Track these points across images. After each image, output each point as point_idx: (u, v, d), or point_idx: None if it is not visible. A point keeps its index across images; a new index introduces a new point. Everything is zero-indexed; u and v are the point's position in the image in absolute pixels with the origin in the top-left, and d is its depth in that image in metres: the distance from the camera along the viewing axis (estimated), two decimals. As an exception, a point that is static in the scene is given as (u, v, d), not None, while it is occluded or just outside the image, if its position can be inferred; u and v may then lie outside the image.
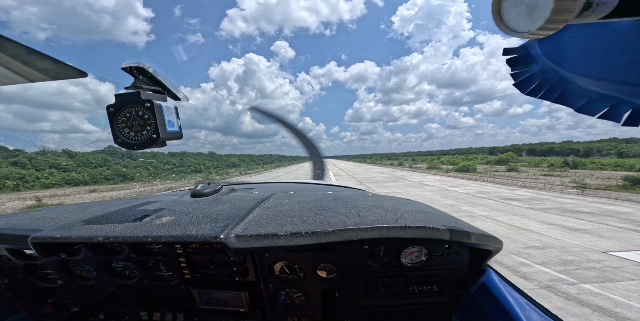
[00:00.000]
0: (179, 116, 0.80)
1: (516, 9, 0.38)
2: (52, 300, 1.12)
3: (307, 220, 0.81)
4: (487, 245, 0.83)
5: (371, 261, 0.92)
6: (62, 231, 0.81)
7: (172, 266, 0.98)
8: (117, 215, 0.93)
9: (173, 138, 0.77)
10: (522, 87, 0.63)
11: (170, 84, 0.81)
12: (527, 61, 0.62)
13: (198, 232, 0.74)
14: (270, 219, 0.84)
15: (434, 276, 0.94)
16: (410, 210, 0.90)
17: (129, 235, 0.76)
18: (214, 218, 0.84)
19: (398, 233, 0.73)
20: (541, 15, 0.34)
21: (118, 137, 0.71)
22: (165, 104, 0.75)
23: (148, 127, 0.70)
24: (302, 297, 1.00)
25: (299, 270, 0.95)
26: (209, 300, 0.98)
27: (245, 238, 0.74)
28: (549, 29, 0.35)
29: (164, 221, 0.83)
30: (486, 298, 0.80)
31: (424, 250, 0.91)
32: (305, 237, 0.72)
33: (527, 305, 0.74)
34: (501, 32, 0.43)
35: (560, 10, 0.32)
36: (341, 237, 0.72)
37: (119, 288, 1.03)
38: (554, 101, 0.57)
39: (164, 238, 0.73)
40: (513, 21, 0.40)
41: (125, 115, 0.70)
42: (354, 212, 0.87)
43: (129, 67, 0.71)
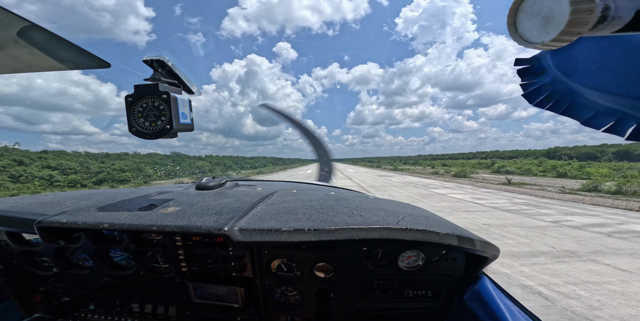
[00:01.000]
0: (192, 109, 0.83)
1: (532, 21, 0.40)
2: (43, 288, 1.12)
3: (310, 218, 0.82)
4: (485, 251, 0.83)
5: (368, 263, 0.93)
6: (68, 216, 0.83)
7: (169, 259, 0.99)
8: (123, 204, 0.95)
9: (185, 130, 0.79)
10: (530, 98, 0.63)
11: (186, 78, 0.84)
12: (538, 72, 0.63)
13: (202, 223, 0.76)
14: (273, 215, 0.86)
15: (429, 281, 0.94)
16: (411, 214, 0.91)
17: (135, 223, 0.77)
18: (218, 211, 0.86)
19: (399, 235, 0.74)
20: (556, 27, 0.36)
21: (133, 126, 0.73)
22: (180, 97, 0.78)
23: (163, 117, 0.73)
24: (297, 296, 1.00)
25: (296, 268, 0.96)
26: (203, 294, 0.99)
27: (249, 232, 0.75)
28: (562, 41, 0.37)
29: (169, 211, 0.85)
30: (479, 305, 0.80)
31: (421, 255, 0.92)
32: (308, 234, 0.73)
33: (519, 312, 0.75)
34: (515, 42, 0.45)
35: (576, 22, 0.34)
36: (343, 236, 0.73)
37: (113, 278, 1.04)
38: (561, 113, 0.58)
39: (169, 228, 0.75)
40: (528, 32, 0.41)
41: (141, 106, 0.73)
42: (356, 212, 0.88)
43: (150, 60, 0.74)
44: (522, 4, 0.41)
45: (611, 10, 0.34)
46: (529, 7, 0.40)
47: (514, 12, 0.43)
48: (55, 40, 0.63)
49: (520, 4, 0.41)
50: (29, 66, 0.74)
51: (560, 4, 0.35)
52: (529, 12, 0.40)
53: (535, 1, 0.39)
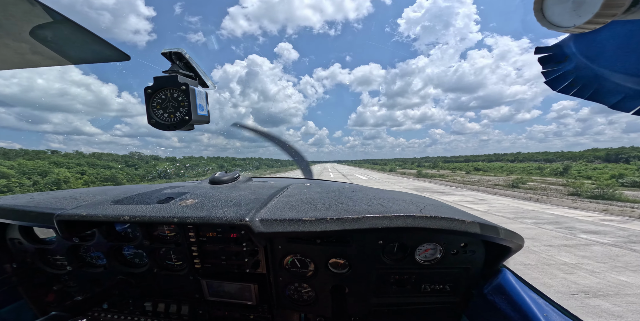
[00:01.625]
0: (208, 101, 0.83)
1: (561, 6, 0.39)
2: (57, 287, 1.12)
3: (331, 208, 0.81)
4: (510, 241, 0.81)
5: (385, 257, 0.91)
6: (88, 209, 0.82)
7: (183, 255, 0.98)
8: (141, 197, 0.95)
9: (202, 122, 0.79)
10: (554, 85, 0.63)
11: (202, 71, 0.84)
12: (561, 59, 0.63)
13: (223, 215, 0.75)
14: (292, 206, 0.85)
15: (447, 275, 0.93)
16: (431, 204, 0.90)
17: (155, 215, 0.77)
18: (236, 203, 0.85)
19: (423, 223, 0.72)
20: (590, 10, 0.35)
21: (152, 118, 0.73)
22: (198, 89, 0.78)
23: (181, 108, 0.73)
24: (311, 292, 0.99)
25: (310, 263, 0.95)
26: (216, 291, 0.98)
27: (270, 223, 0.74)
28: (596, 23, 0.36)
29: (188, 203, 0.85)
30: (502, 299, 0.79)
31: (439, 248, 0.90)
32: (330, 223, 0.72)
33: (546, 305, 0.73)
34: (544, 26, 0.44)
35: (611, 4, 0.33)
36: (366, 224, 0.72)
37: (127, 276, 1.03)
38: (588, 98, 0.57)
39: (190, 219, 0.74)
40: (557, 17, 0.41)
41: (160, 97, 0.73)
42: (376, 202, 0.87)
43: (169, 52, 0.74)
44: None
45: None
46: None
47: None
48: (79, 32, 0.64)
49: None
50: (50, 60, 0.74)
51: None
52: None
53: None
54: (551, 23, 0.42)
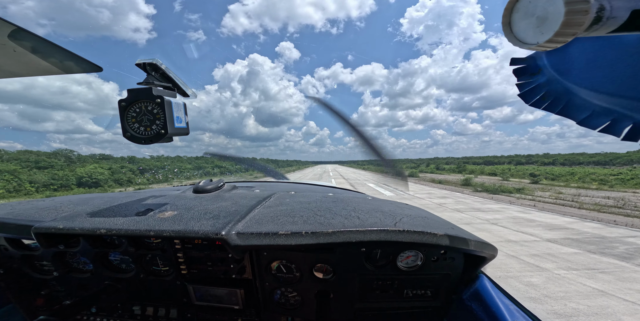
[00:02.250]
0: (187, 113, 0.82)
1: (526, 21, 0.39)
2: (45, 291, 1.12)
3: (308, 220, 0.82)
4: (482, 251, 0.84)
5: (367, 263, 0.93)
6: (65, 222, 0.83)
7: (169, 261, 0.99)
8: (120, 208, 0.94)
9: (180, 134, 0.78)
10: (527, 98, 0.63)
11: (180, 81, 0.83)
12: (534, 72, 0.63)
13: (200, 228, 0.76)
14: (271, 218, 0.86)
15: (428, 280, 0.95)
16: (409, 215, 0.91)
17: (132, 228, 0.77)
18: (215, 215, 0.86)
19: (396, 237, 0.74)
20: (551, 28, 0.35)
21: (127, 131, 0.72)
22: (175, 100, 0.77)
23: (157, 121, 0.72)
24: (297, 297, 1.00)
25: (295, 269, 0.96)
26: (203, 296, 0.99)
27: (246, 236, 0.75)
28: (557, 42, 0.36)
29: (167, 215, 0.85)
30: (478, 304, 0.81)
31: (420, 255, 0.92)
32: (305, 237, 0.73)
33: (517, 311, 0.75)
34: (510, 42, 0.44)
35: (570, 23, 0.33)
36: (340, 238, 0.73)
37: (114, 281, 1.04)
38: (558, 113, 0.58)
39: (166, 233, 0.75)
40: (522, 33, 0.40)
41: (135, 110, 0.72)
42: (354, 214, 0.88)
43: (143, 63, 0.73)
44: (517, 3, 0.40)
45: (606, 11, 0.34)
46: (523, 7, 0.39)
47: (508, 12, 0.42)
48: (45, 45, 0.62)
49: (515, 4, 0.40)
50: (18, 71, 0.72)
51: (554, 4, 0.34)
52: (524, 12, 0.39)
53: (530, 1, 0.38)
54: (517, 38, 0.42)
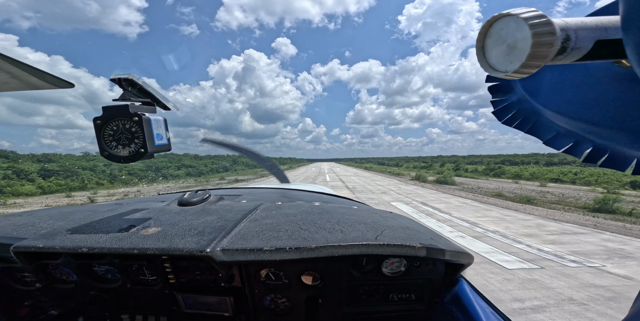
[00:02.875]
0: (167, 128, 0.80)
1: (498, 48, 0.39)
2: (28, 302, 1.09)
3: (292, 235, 0.83)
4: (459, 260, 0.89)
5: (354, 270, 0.96)
6: (45, 240, 0.80)
7: (156, 271, 0.98)
8: (102, 224, 0.92)
9: (161, 151, 0.77)
10: (500, 116, 0.66)
11: (160, 95, 0.81)
12: (507, 90, 0.66)
13: (184, 245, 0.75)
14: (256, 232, 0.86)
15: (412, 285, 0.99)
16: (391, 226, 0.94)
17: (114, 246, 0.76)
18: (200, 231, 0.85)
19: (377, 251, 0.77)
20: (518, 57, 0.35)
21: (105, 150, 0.70)
22: (154, 117, 0.75)
23: (136, 140, 0.70)
24: (286, 303, 1.02)
25: (284, 276, 0.98)
26: (193, 304, 0.99)
27: (231, 252, 0.76)
28: (523, 73, 0.37)
29: (150, 232, 0.84)
30: (458, 308, 0.86)
31: (403, 261, 0.96)
32: (289, 253, 0.75)
33: (492, 314, 0.80)
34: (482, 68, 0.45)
35: (536, 56, 0.34)
36: (323, 253, 0.76)
37: (100, 291, 1.02)
38: (527, 132, 0.61)
39: (150, 251, 0.74)
40: (494, 59, 0.40)
41: (112, 129, 0.70)
42: (337, 227, 0.90)
43: (118, 79, 0.70)
44: (490, 28, 0.40)
45: (571, 41, 0.35)
46: (496, 33, 0.39)
47: (482, 37, 0.41)
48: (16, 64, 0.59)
49: (489, 29, 0.40)
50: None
51: (523, 33, 0.34)
52: (496, 38, 0.39)
53: (502, 27, 0.38)
54: (489, 65, 0.43)
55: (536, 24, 0.33)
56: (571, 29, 0.35)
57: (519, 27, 0.35)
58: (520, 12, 0.35)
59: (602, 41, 0.36)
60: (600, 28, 0.35)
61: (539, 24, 0.33)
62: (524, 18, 0.34)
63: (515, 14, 0.35)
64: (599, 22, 0.36)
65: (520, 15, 0.34)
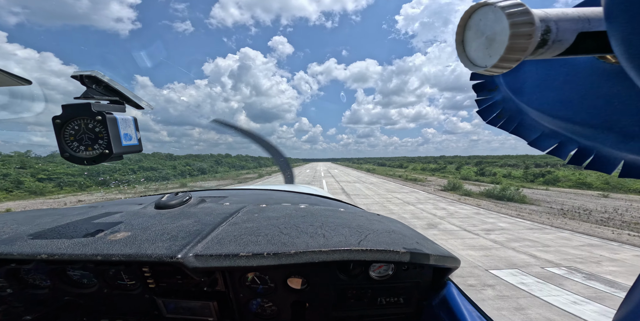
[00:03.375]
0: (138, 128, 0.76)
1: (478, 41, 0.37)
2: (1, 307, 1.04)
3: (272, 240, 0.80)
4: (445, 264, 0.87)
5: (341, 274, 0.93)
6: (3, 247, 0.76)
7: (134, 276, 0.94)
8: (68, 229, 0.88)
9: (130, 152, 0.73)
10: (484, 115, 0.63)
11: (130, 93, 0.76)
12: (492, 88, 0.63)
13: (154, 251, 0.71)
14: (234, 237, 0.83)
15: (400, 288, 0.97)
16: (376, 230, 0.91)
17: (76, 252, 0.71)
18: (173, 236, 0.81)
19: (359, 256, 0.74)
20: (497, 51, 0.33)
21: (65, 151, 0.66)
22: (122, 116, 0.71)
23: (100, 140, 0.66)
24: (272, 307, 0.99)
25: (270, 280, 0.94)
26: (175, 308, 0.95)
27: (205, 258, 0.72)
28: (502, 67, 0.35)
29: (119, 237, 0.79)
30: (445, 311, 0.85)
31: (391, 265, 0.94)
32: (267, 258, 0.72)
33: (479, 317, 0.79)
34: (462, 63, 0.42)
35: (514, 48, 0.32)
36: (303, 259, 0.72)
37: (75, 297, 0.98)
38: (511, 132, 0.58)
39: (115, 257, 0.70)
40: (474, 53, 0.38)
41: (73, 128, 0.65)
42: (320, 231, 0.87)
43: (80, 75, 0.66)
44: (469, 20, 0.37)
45: (552, 33, 0.32)
46: (475, 25, 0.37)
47: (462, 29, 0.39)
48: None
49: (468, 21, 0.38)
50: None
51: (501, 24, 0.32)
52: (475, 30, 0.37)
53: (480, 19, 0.36)
54: (469, 59, 0.40)
55: (514, 13, 0.30)
56: (552, 19, 0.32)
57: (496, 17, 0.32)
58: (497, 0, 0.32)
59: (585, 33, 0.33)
60: (583, 19, 0.33)
61: (517, 13, 0.30)
62: (501, 7, 0.31)
63: (493, 3, 0.32)
64: (581, 13, 0.33)
65: (497, 3, 0.32)
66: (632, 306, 0.34)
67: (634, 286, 0.35)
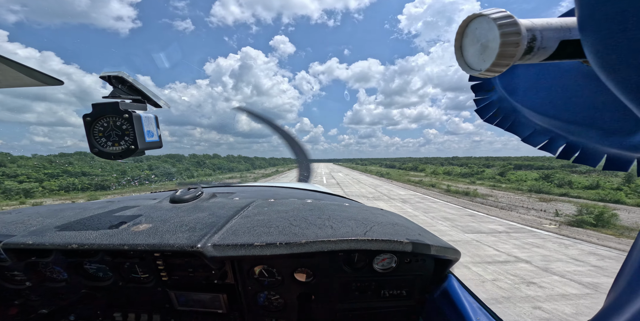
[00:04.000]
0: (159, 125, 0.81)
1: (473, 47, 0.41)
2: (18, 301, 1.09)
3: (283, 231, 0.84)
4: (446, 255, 0.90)
5: (346, 267, 0.97)
6: (34, 237, 0.80)
7: (148, 269, 0.98)
8: (92, 221, 0.92)
9: (152, 148, 0.78)
10: (482, 113, 0.68)
11: (150, 92, 0.82)
12: (489, 88, 0.68)
13: (175, 241, 0.76)
14: (247, 228, 0.87)
15: (403, 281, 1.00)
16: (380, 222, 0.95)
17: (105, 242, 0.76)
18: (191, 227, 0.86)
19: (365, 246, 0.79)
20: (490, 56, 0.38)
21: (95, 147, 0.71)
22: (145, 114, 0.76)
23: (126, 137, 0.71)
24: (280, 299, 1.03)
25: (277, 273, 0.98)
26: (186, 301, 1.00)
27: (222, 247, 0.76)
28: (494, 71, 0.39)
29: (141, 229, 0.84)
30: (447, 303, 0.87)
31: (394, 258, 0.97)
32: (280, 248, 0.76)
33: (479, 309, 0.82)
34: (460, 67, 0.47)
35: (504, 55, 0.36)
36: (313, 248, 0.77)
37: (91, 290, 1.02)
38: (507, 129, 0.63)
39: (141, 247, 0.74)
40: (470, 58, 0.43)
41: (102, 125, 0.71)
42: (328, 223, 0.91)
43: (108, 76, 0.71)
44: (467, 28, 0.42)
45: (537, 41, 0.37)
46: (471, 33, 0.41)
47: (460, 36, 0.43)
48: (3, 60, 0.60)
49: (465, 29, 0.42)
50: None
51: (493, 33, 0.36)
52: (471, 37, 0.41)
53: (476, 27, 0.40)
54: (466, 64, 0.45)
55: (504, 24, 0.35)
56: (537, 29, 0.37)
57: (489, 27, 0.37)
58: (490, 12, 0.37)
59: (566, 41, 0.38)
60: (565, 28, 0.37)
61: (506, 24, 0.35)
62: (493, 18, 0.36)
63: (487, 14, 0.37)
64: (563, 22, 0.38)
65: (490, 15, 0.36)
66: (619, 292, 0.37)
67: (619, 274, 0.39)
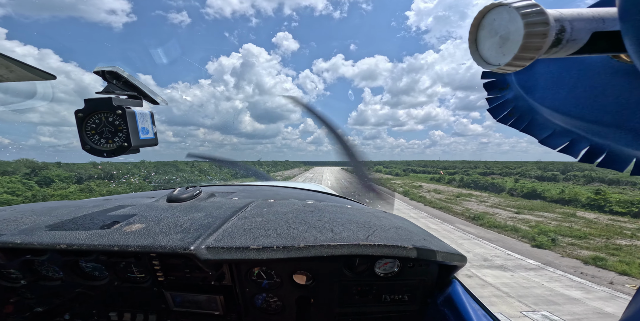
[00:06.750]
0: (154, 122, 0.78)
1: (491, 40, 0.38)
2: (14, 299, 1.08)
3: (281, 234, 0.81)
4: (451, 261, 0.87)
5: (346, 270, 0.94)
6: (23, 236, 0.79)
7: (144, 269, 0.97)
8: (85, 220, 0.90)
9: (147, 146, 0.75)
10: (495, 113, 0.64)
11: (147, 88, 0.79)
12: (503, 86, 0.64)
13: (168, 243, 0.73)
14: (244, 230, 0.84)
15: (405, 286, 0.97)
16: (383, 226, 0.92)
17: (94, 243, 0.74)
18: (186, 228, 0.83)
19: (367, 251, 0.75)
20: (511, 50, 0.34)
21: (87, 144, 0.68)
22: (140, 110, 0.73)
23: (120, 133, 0.68)
24: (278, 302, 1.01)
25: (275, 276, 0.96)
26: (183, 302, 0.98)
27: (217, 250, 0.74)
28: (515, 66, 0.35)
29: (134, 229, 0.82)
30: (450, 309, 0.84)
31: (397, 262, 0.94)
32: (277, 252, 0.73)
33: (484, 316, 0.79)
34: (475, 62, 0.43)
35: (528, 47, 0.32)
36: (312, 253, 0.74)
37: (87, 289, 1.01)
38: (522, 130, 0.59)
39: (131, 248, 0.72)
40: (487, 52, 0.39)
41: (94, 122, 0.68)
42: (328, 226, 0.88)
43: (102, 71, 0.68)
44: (483, 20, 0.38)
45: (567, 33, 0.33)
46: (488, 24, 0.38)
47: (475, 28, 0.40)
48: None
49: (481, 20, 0.39)
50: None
51: (516, 24, 0.33)
52: (489, 29, 0.38)
53: (494, 18, 0.36)
54: (482, 58, 0.41)
55: (528, 13, 0.31)
56: (566, 19, 0.33)
57: (511, 17, 0.33)
58: (512, 1, 0.33)
59: (599, 33, 0.34)
60: (598, 19, 0.33)
61: (532, 14, 0.31)
62: (516, 7, 0.32)
63: (508, 3, 0.33)
64: (595, 13, 0.33)
65: (512, 4, 0.32)
66: (639, 306, 0.34)
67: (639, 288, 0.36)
